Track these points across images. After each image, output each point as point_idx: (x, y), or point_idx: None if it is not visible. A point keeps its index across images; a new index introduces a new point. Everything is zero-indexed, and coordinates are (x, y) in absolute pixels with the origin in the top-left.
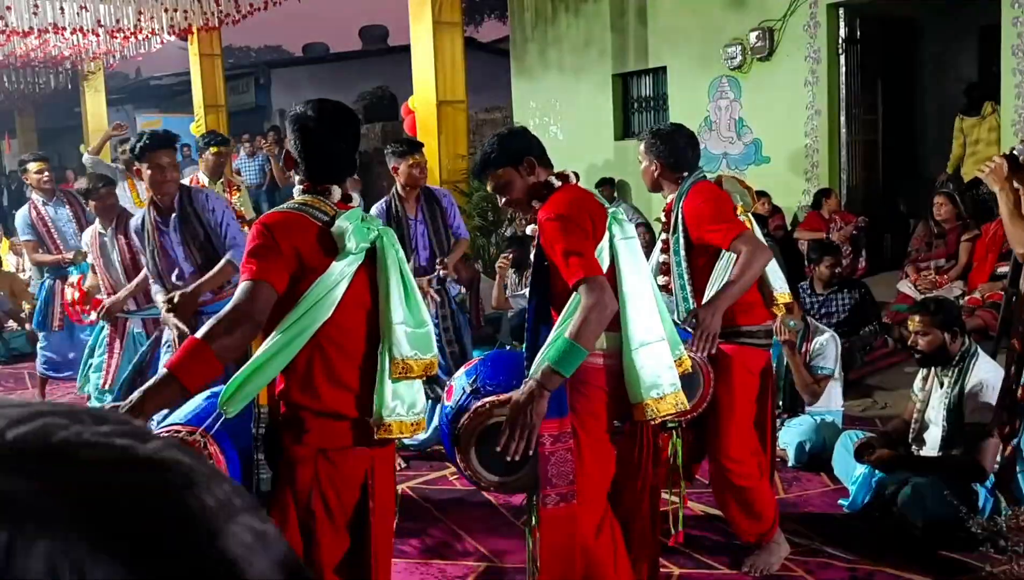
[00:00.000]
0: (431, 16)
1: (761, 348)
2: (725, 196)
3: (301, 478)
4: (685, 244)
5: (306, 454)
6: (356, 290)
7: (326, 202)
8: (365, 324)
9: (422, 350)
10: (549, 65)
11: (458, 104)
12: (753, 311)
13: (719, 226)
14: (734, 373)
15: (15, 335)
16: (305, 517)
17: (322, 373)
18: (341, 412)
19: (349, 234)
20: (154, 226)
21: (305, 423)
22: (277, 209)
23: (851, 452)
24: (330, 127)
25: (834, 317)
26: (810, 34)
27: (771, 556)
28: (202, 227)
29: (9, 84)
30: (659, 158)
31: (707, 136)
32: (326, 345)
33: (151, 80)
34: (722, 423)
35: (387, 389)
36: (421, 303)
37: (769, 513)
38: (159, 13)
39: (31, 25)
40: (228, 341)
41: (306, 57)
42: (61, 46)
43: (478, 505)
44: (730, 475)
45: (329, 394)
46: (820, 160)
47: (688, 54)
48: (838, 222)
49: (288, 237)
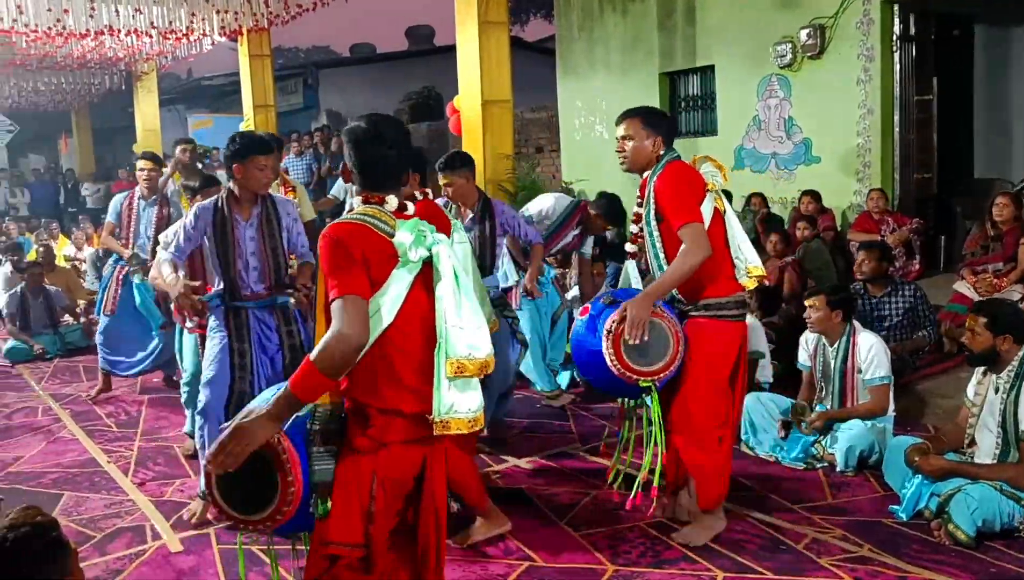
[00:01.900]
0: (477, 16)
1: (732, 320)
2: (696, 179)
3: (364, 467)
4: (656, 217)
5: (368, 446)
6: (415, 295)
7: (384, 212)
8: (423, 326)
9: (477, 349)
10: (595, 64)
11: (503, 103)
12: (719, 283)
13: (678, 209)
14: (701, 345)
15: (70, 329)
16: (368, 503)
17: (383, 373)
18: (400, 409)
19: (410, 245)
20: (232, 221)
21: (369, 419)
22: (340, 221)
23: (903, 458)
24: (380, 138)
25: (887, 320)
26: (863, 31)
27: (703, 530)
28: (280, 231)
29: (66, 85)
30: (661, 135)
31: (756, 135)
32: (387, 347)
33: (202, 81)
34: (688, 393)
35: (444, 388)
36: (476, 304)
37: (717, 489)
38: (210, 14)
39: (87, 27)
40: (337, 364)
41: (353, 57)
42: (116, 47)
43: (521, 504)
44: (688, 445)
45: (389, 393)
46: (872, 160)
47: (737, 52)
48: (891, 224)
49: (358, 245)
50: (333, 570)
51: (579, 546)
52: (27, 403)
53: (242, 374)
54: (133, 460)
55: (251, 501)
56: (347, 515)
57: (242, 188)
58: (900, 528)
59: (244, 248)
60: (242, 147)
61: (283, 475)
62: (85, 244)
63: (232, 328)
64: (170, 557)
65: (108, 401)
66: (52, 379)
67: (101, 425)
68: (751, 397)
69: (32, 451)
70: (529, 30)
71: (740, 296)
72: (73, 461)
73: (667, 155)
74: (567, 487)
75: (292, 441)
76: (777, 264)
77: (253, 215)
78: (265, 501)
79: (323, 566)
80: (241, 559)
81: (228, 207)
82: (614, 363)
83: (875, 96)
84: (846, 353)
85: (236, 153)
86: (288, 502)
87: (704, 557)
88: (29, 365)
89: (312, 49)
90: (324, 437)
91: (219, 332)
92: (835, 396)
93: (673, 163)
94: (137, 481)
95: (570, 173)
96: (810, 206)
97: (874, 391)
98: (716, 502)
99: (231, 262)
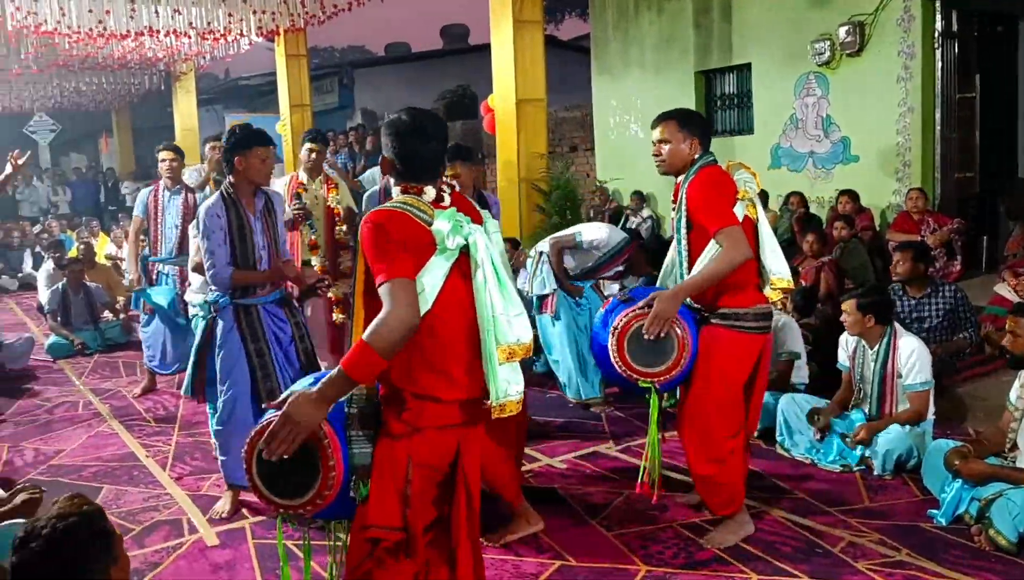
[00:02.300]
0: (512, 15)
1: (751, 332)
2: (729, 184)
3: (399, 452)
4: (686, 222)
5: (403, 430)
6: (452, 283)
7: (422, 201)
8: (459, 315)
9: (523, 335)
10: (630, 63)
11: (538, 102)
12: (739, 293)
13: (712, 215)
14: (715, 354)
15: (110, 325)
16: (404, 487)
17: (419, 359)
18: (435, 395)
19: (448, 233)
20: (246, 215)
21: (405, 403)
22: (380, 208)
23: (942, 461)
24: (421, 131)
25: (926, 322)
26: (903, 28)
27: (730, 533)
28: (276, 225)
29: (107, 85)
30: (697, 137)
31: (792, 134)
32: (423, 334)
33: (239, 80)
34: (698, 402)
35: (498, 373)
36: (514, 293)
37: (729, 498)
38: (248, 15)
39: (128, 28)
40: (390, 342)
41: (388, 57)
42: (155, 48)
43: (554, 503)
44: (694, 454)
45: (425, 378)
46: (912, 159)
47: (774, 50)
48: (931, 224)
49: (399, 230)
50: (375, 553)
51: (611, 546)
52: (68, 398)
53: (264, 373)
54: (171, 454)
55: (291, 486)
56: (384, 499)
57: (244, 181)
58: (939, 533)
59: (258, 241)
60: (243, 139)
61: (325, 460)
62: (124, 242)
63: (245, 328)
64: (206, 551)
65: (147, 396)
66: (92, 374)
67: (140, 420)
68: (786, 398)
69: (73, 445)
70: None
71: (762, 308)
72: (113, 455)
73: (702, 159)
74: (600, 487)
75: (333, 427)
76: (813, 264)
77: (257, 209)
78: (305, 486)
79: (365, 550)
80: (282, 552)
81: (237, 198)
82: (616, 360)
83: (915, 94)
84: (886, 356)
85: (237, 145)
86: (329, 487)
87: (738, 559)
88: (70, 360)
89: (347, 49)
90: (362, 421)
91: (231, 335)
92: (873, 400)
93: (705, 168)
94: (175, 475)
95: (604, 172)
96: (848, 205)
97: (914, 397)
98: (728, 507)
99: (249, 256)
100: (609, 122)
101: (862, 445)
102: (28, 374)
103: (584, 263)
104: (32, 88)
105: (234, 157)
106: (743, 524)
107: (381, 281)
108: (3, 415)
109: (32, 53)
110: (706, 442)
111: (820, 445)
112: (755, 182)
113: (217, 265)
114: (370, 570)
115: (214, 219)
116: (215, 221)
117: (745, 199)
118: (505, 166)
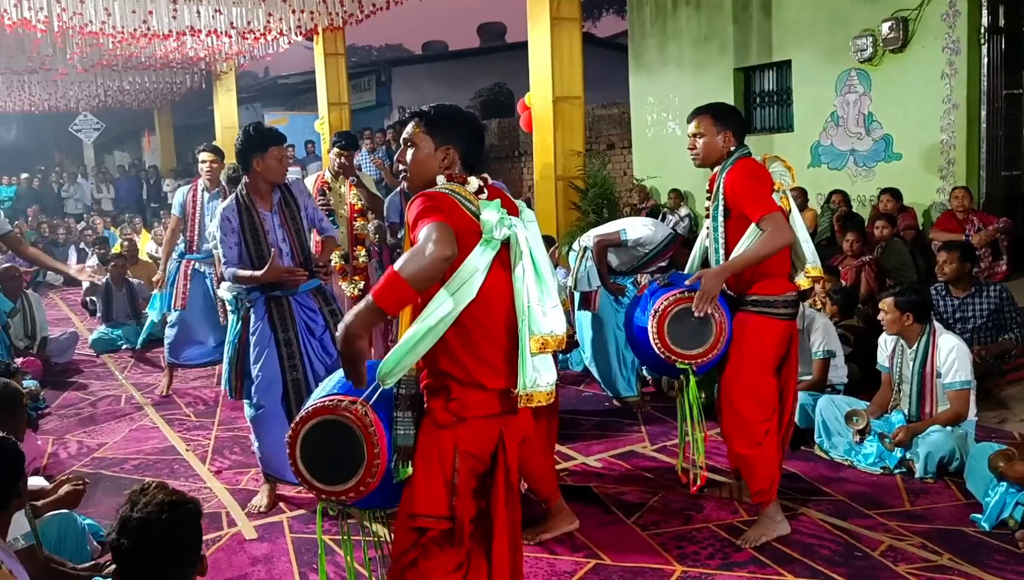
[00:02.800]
0: (549, 12)
1: (780, 318)
2: (766, 175)
3: (445, 440)
4: (723, 212)
5: (449, 420)
6: (495, 273)
7: (467, 190)
8: (500, 305)
9: (557, 327)
10: (668, 60)
11: (575, 100)
12: (773, 281)
13: (755, 202)
14: (745, 339)
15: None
16: (451, 476)
17: (465, 347)
18: (481, 383)
19: (495, 224)
20: (258, 215)
21: (451, 392)
22: (430, 190)
23: (986, 464)
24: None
25: (970, 322)
26: (948, 23)
27: (763, 530)
28: (299, 213)
29: (150, 84)
30: (732, 131)
31: (833, 131)
32: (469, 321)
33: (278, 79)
34: (732, 386)
35: (529, 363)
36: (552, 285)
37: (766, 480)
38: (287, 14)
39: (170, 28)
40: (421, 273)
41: (425, 55)
42: (197, 48)
43: (590, 501)
44: (732, 436)
45: (471, 366)
46: (956, 157)
47: (815, 47)
48: (976, 223)
49: (447, 207)
50: (421, 542)
51: (647, 545)
52: (111, 391)
53: (292, 363)
54: (210, 448)
55: (334, 472)
56: (431, 487)
57: (260, 180)
58: (982, 538)
59: (275, 236)
60: (259, 140)
61: (370, 447)
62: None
63: (275, 319)
64: (245, 544)
65: (186, 391)
66: (134, 369)
67: (180, 414)
68: (824, 399)
69: (115, 438)
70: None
71: (791, 296)
72: (154, 448)
73: (737, 151)
74: (635, 486)
75: (378, 415)
76: (854, 263)
77: (273, 203)
78: (349, 473)
79: (411, 539)
80: (321, 545)
81: (250, 200)
82: (656, 342)
83: (960, 90)
84: (925, 356)
85: (253, 146)
86: (373, 474)
87: (775, 561)
88: (113, 355)
89: (385, 47)
90: (409, 402)
91: (262, 324)
92: (912, 400)
93: (742, 160)
94: (214, 469)
95: (641, 170)
96: (889, 204)
97: (954, 396)
98: (767, 493)
99: (265, 252)
100: (646, 120)
101: (900, 447)
102: (72, 368)
103: (629, 261)
104: (77, 87)
105: (251, 158)
106: (778, 523)
107: (421, 225)
108: (48, 408)
109: (78, 53)
110: (742, 425)
111: (859, 447)
112: (790, 176)
113: (226, 265)
114: (416, 559)
115: (226, 223)
116: (227, 225)
117: (779, 191)
118: (542, 164)
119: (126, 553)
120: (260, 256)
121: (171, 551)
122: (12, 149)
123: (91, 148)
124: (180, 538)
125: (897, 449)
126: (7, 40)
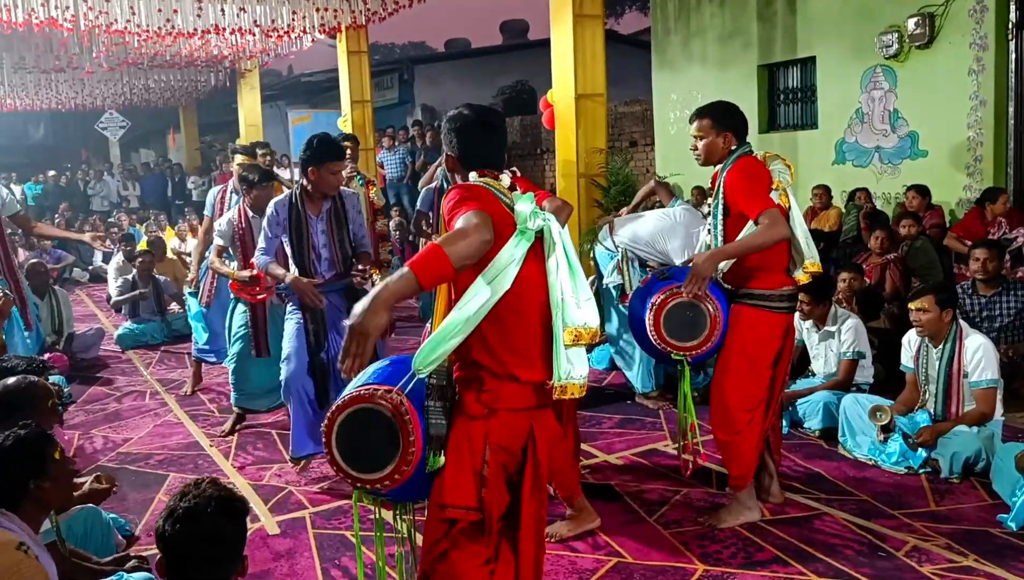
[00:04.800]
0: (572, 9)
1: (777, 311)
2: (764, 173)
3: (476, 432)
4: (723, 208)
5: (481, 411)
6: (528, 265)
7: (501, 185)
8: (535, 296)
9: (590, 320)
10: (692, 57)
11: (597, 97)
12: (770, 276)
13: (752, 200)
14: (740, 331)
15: (176, 317)
16: (481, 467)
17: (500, 338)
18: (515, 374)
19: (529, 216)
20: (305, 217)
21: (484, 383)
22: (466, 183)
23: (1013, 464)
24: (486, 124)
25: (997, 321)
26: (976, 19)
27: (731, 515)
28: (347, 224)
29: (174, 82)
30: (733, 131)
31: (858, 128)
32: (504, 313)
33: (302, 77)
34: (722, 375)
35: (562, 355)
36: (583, 278)
37: (744, 466)
38: (311, 12)
39: (195, 27)
40: (462, 249)
41: (448, 53)
42: (221, 46)
43: (611, 500)
44: (715, 423)
45: (506, 357)
46: (984, 154)
47: (840, 43)
48: (1003, 225)
49: (484, 198)
50: (451, 533)
51: (668, 544)
52: (136, 387)
53: (319, 347)
54: (234, 444)
55: (369, 461)
56: (461, 478)
57: (315, 189)
58: (1009, 539)
59: (316, 241)
60: (318, 153)
61: (406, 435)
62: (188, 235)
63: (307, 312)
64: (268, 539)
65: (210, 387)
66: (159, 365)
67: (204, 410)
68: (849, 398)
69: (140, 433)
70: (624, 23)
71: (788, 290)
72: (178, 443)
73: (738, 149)
74: (657, 484)
75: (413, 404)
76: (879, 262)
77: (323, 210)
78: (384, 461)
79: (442, 530)
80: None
81: (302, 203)
82: (652, 333)
83: (988, 87)
84: (951, 355)
85: (312, 158)
86: (408, 462)
87: (798, 560)
88: (138, 351)
89: (407, 45)
90: (440, 393)
91: (295, 313)
92: (938, 400)
93: (742, 159)
94: (237, 465)
95: (664, 167)
96: (916, 202)
97: (981, 395)
98: (744, 478)
99: (304, 253)
100: (669, 117)
101: (924, 447)
102: (98, 363)
103: None
104: (103, 86)
105: (308, 168)
106: (749, 509)
107: (459, 213)
108: (75, 400)
109: (104, 52)
110: (726, 414)
111: (883, 446)
112: (788, 174)
113: (263, 253)
114: (446, 550)
115: (274, 215)
116: (273, 217)
117: (779, 188)
118: (564, 161)
119: (172, 543)
120: (299, 256)
121: (218, 546)
122: (40, 147)
123: (117, 146)
124: (226, 533)
125: (921, 449)
126: (35, 39)
